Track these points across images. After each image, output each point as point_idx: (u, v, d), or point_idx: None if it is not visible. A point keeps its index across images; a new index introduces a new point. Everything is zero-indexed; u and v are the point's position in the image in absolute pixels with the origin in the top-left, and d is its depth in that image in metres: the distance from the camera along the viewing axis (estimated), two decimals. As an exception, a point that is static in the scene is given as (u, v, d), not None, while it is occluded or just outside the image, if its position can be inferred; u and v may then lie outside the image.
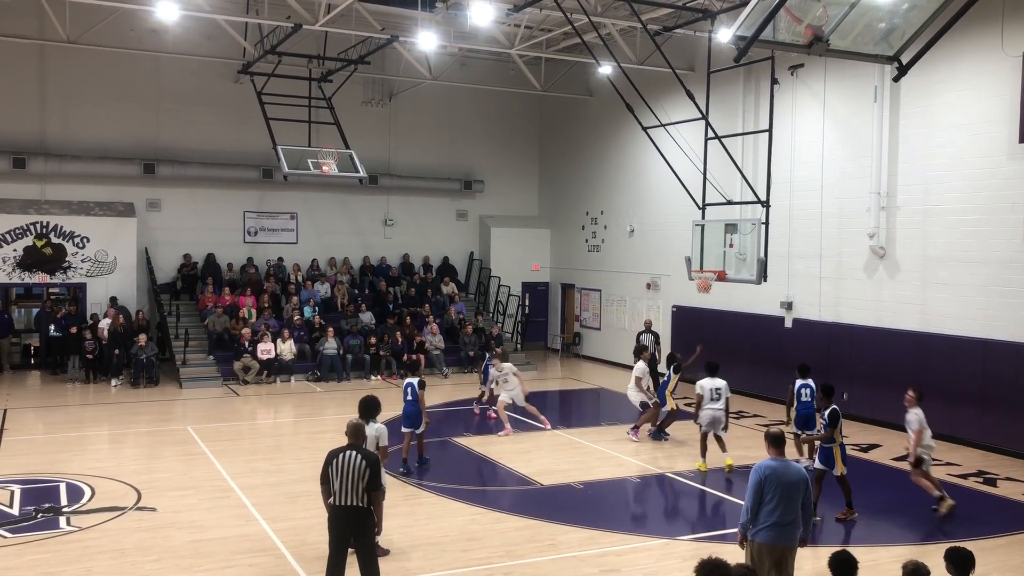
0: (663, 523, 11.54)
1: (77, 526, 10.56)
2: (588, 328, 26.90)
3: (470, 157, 28.11)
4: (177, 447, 14.82)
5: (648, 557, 9.93)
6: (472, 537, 10.40)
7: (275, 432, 17.03)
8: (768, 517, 7.34)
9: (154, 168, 23.70)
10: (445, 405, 19.34)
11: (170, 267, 24.34)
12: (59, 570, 9.11)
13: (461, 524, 10.91)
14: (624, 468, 13.85)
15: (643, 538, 10.60)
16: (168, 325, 22.57)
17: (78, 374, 20.94)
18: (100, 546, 9.87)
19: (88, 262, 22.80)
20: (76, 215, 22.82)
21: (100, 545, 9.90)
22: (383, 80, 25.90)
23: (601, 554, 9.92)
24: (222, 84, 24.02)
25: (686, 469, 13.72)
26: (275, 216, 25.80)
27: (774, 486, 7.33)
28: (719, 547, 9.79)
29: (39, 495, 11.75)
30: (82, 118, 23.21)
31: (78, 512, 11.08)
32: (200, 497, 11.87)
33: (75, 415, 17.78)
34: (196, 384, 20.73)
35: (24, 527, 10.45)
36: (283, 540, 10.12)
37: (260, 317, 22.82)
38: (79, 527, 10.52)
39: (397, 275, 26.48)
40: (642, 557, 9.92)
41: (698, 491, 12.72)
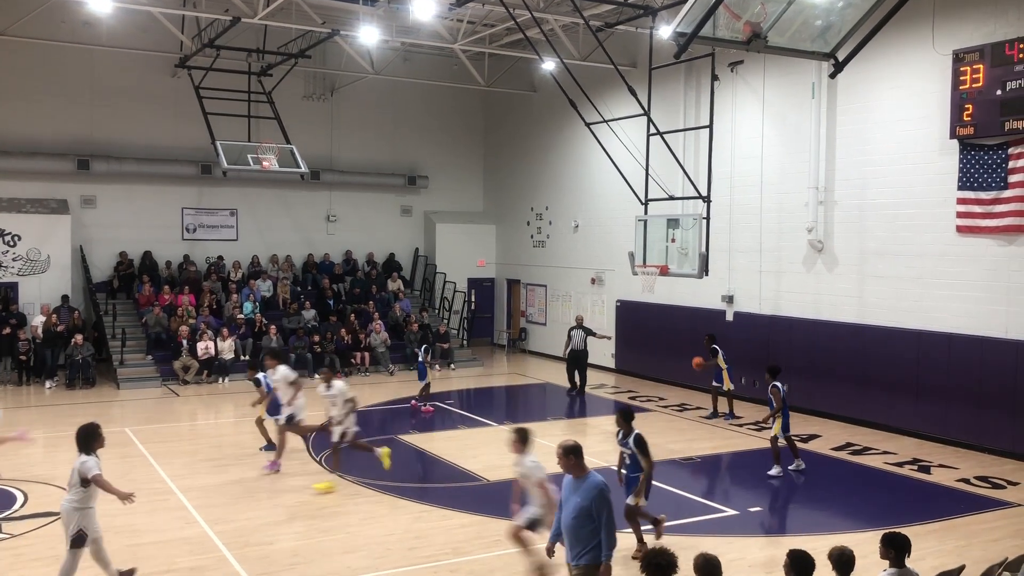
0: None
1: (9, 533, 10.26)
2: (534, 323, 26.97)
3: (414, 152, 27.95)
4: (114, 449, 14.37)
5: (594, 550, 9.95)
6: (418, 535, 10.34)
7: (216, 433, 16.74)
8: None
9: (88, 164, 23.10)
10: (390, 403, 19.22)
11: (106, 265, 23.75)
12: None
13: (406, 523, 10.84)
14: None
15: (589, 532, 10.62)
16: (105, 324, 22.03)
17: (10, 376, 20.32)
18: (34, 553, 9.61)
19: (20, 260, 22.14)
20: (7, 212, 22.13)
21: (34, 552, 9.64)
22: (324, 74, 25.59)
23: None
24: (159, 78, 23.49)
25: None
26: (214, 212, 25.32)
27: None
28: (665, 539, 9.88)
29: (-30, 502, 11.39)
30: (12, 113, 22.49)
31: (10, 519, 10.77)
32: (139, 500, 11.54)
33: (7, 418, 17.10)
34: (134, 384, 20.28)
35: (-47, 535, 10.11)
36: (225, 542, 9.95)
37: (199, 316, 22.41)
38: (11, 534, 10.22)
39: (341, 272, 26.21)
40: (588, 551, 9.94)
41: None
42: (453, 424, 16.95)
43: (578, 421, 17.48)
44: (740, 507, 11.73)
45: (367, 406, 18.60)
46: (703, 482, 13.39)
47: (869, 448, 14.98)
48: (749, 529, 10.97)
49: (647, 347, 22.02)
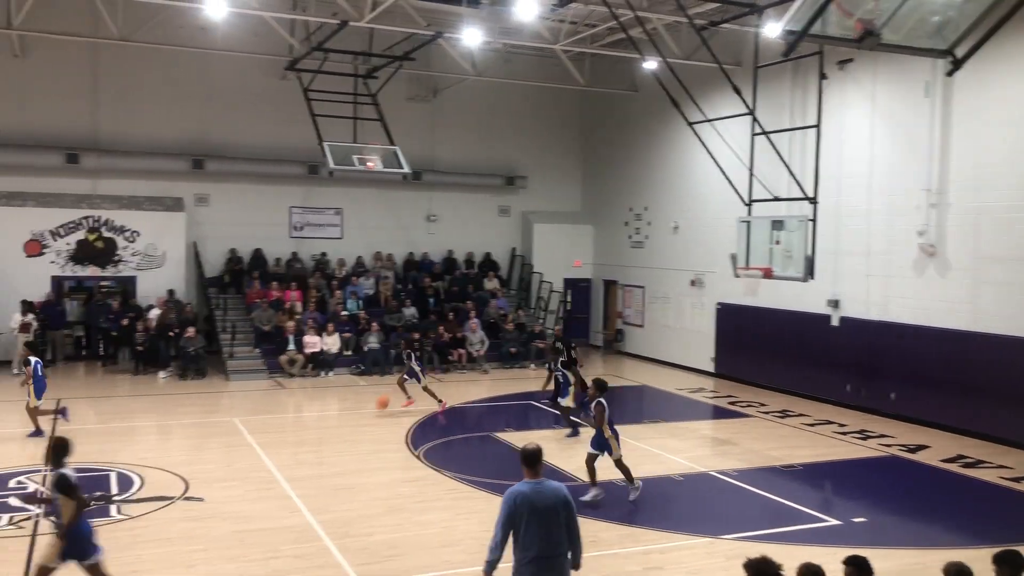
0: (707, 521, 11.43)
1: (127, 514, 10.78)
2: (631, 325, 26.76)
3: (513, 153, 28.12)
4: (223, 439, 15.05)
5: (692, 555, 9.86)
6: (514, 532, 10.39)
7: (319, 425, 17.22)
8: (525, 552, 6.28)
9: (203, 164, 24.09)
10: (486, 400, 19.39)
11: (218, 261, 24.72)
12: (110, 557, 9.26)
13: (503, 519, 10.91)
14: (667, 466, 13.77)
15: (686, 536, 10.53)
16: (216, 318, 22.93)
17: (128, 365, 21.35)
18: (149, 534, 10.06)
19: (138, 256, 23.27)
20: (127, 209, 23.29)
21: (149, 534, 10.09)
22: (427, 76, 25.99)
23: (644, 552, 9.88)
24: (269, 81, 24.29)
25: (730, 468, 13.59)
26: (320, 212, 26.06)
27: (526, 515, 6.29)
28: (764, 546, 9.69)
29: (91, 483, 11.99)
30: (133, 114, 23.64)
31: (128, 501, 11.31)
32: (246, 488, 12.04)
33: (125, 406, 18.12)
34: (242, 377, 21.02)
35: (76, 514, 10.67)
36: (327, 532, 10.22)
37: (305, 311, 23.09)
38: (129, 515, 10.74)
39: (440, 271, 26.59)
40: (685, 555, 9.86)
41: (742, 490, 12.59)
42: (548, 424, 16.98)
43: (676, 425, 17.27)
44: (843, 517, 11.40)
45: (463, 403, 18.85)
46: (804, 490, 13.05)
47: (982, 461, 14.33)
48: (853, 540, 10.62)
49: (748, 351, 21.59)
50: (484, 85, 25.85)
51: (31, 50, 22.47)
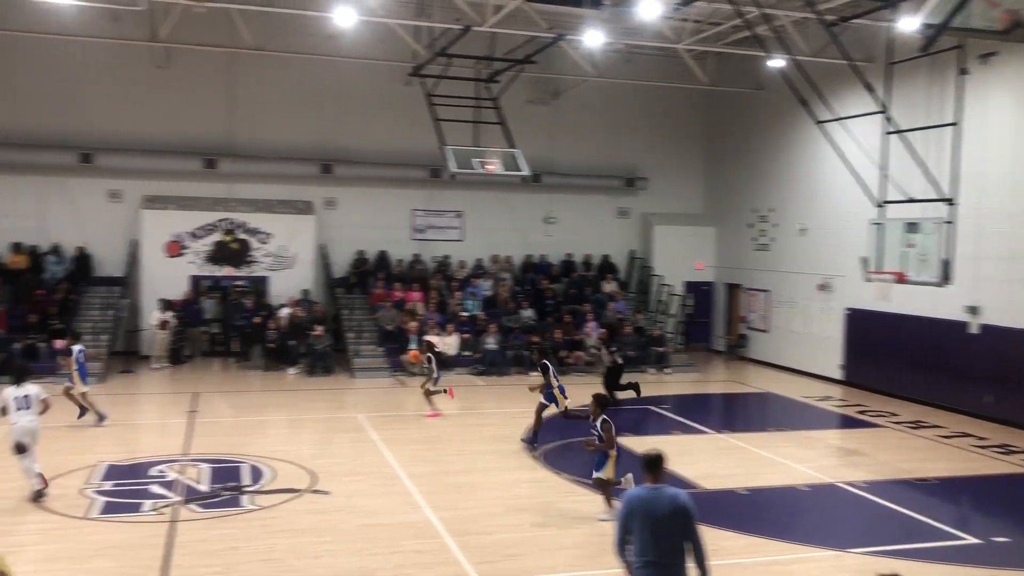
0: (834, 534, 11.04)
1: (259, 505, 11.23)
2: (755, 330, 26.11)
3: (633, 154, 27.89)
4: (348, 434, 15.50)
5: (818, 569, 9.54)
6: (632, 537, 10.29)
7: (439, 423, 17.48)
8: (640, 556, 6.22)
9: (331, 168, 24.91)
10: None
11: (344, 262, 25.50)
12: (244, 545, 9.72)
13: (621, 524, 10.83)
14: (792, 475, 13.36)
15: (812, 548, 10.19)
16: (342, 318, 23.66)
17: (260, 362, 22.27)
18: (279, 525, 10.45)
19: (270, 257, 24.27)
20: (260, 212, 24.32)
21: (279, 524, 10.48)
22: (548, 79, 26.06)
23: (767, 563, 9.62)
24: (394, 86, 24.87)
25: (859, 479, 13.07)
26: (441, 214, 26.53)
27: (640, 520, 6.23)
28: (896, 563, 9.29)
29: (225, 474, 12.58)
30: (266, 121, 24.66)
31: (260, 492, 11.78)
32: (370, 483, 12.36)
33: (257, 400, 18.88)
34: (367, 375, 21.60)
35: (212, 503, 11.21)
36: (447, 529, 10.37)
37: (427, 311, 23.54)
38: (260, 506, 11.18)
39: (557, 273, 26.63)
40: (811, 568, 9.55)
41: (872, 503, 12.09)
42: (667, 429, 16.76)
43: (801, 433, 16.73)
44: (983, 536, 10.79)
45: (581, 406, 18.75)
46: (939, 505, 12.42)
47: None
48: (994, 561, 10.05)
49: (879, 359, 20.71)
50: (605, 86, 25.74)
51: (173, 61, 23.73)
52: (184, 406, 17.44)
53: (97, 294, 22.92)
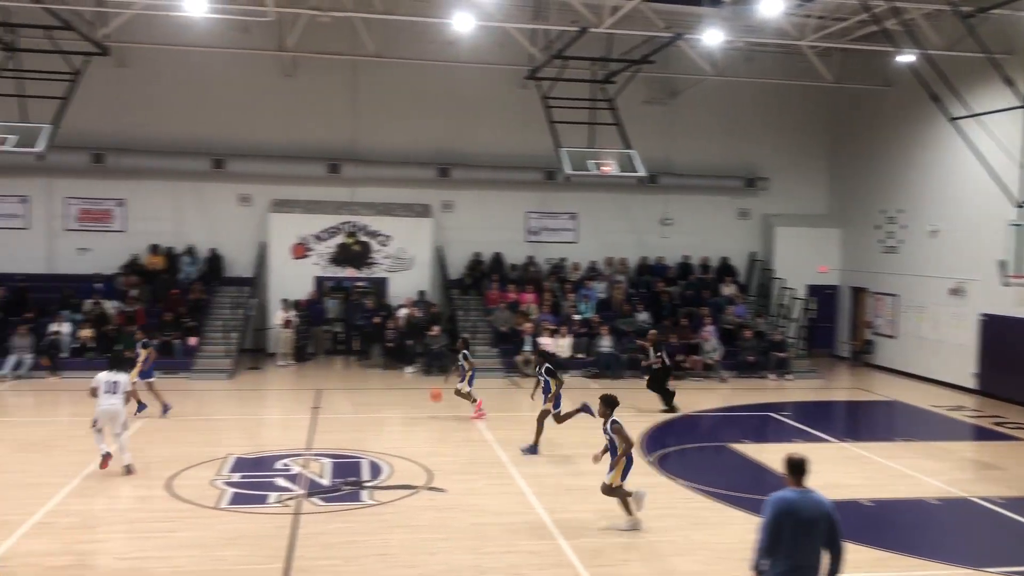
0: (967, 551, 10.47)
1: (377, 500, 11.49)
2: (881, 336, 25.06)
3: (754, 153, 27.24)
4: (464, 433, 15.69)
5: (949, 587, 9.07)
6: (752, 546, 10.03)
7: (552, 425, 17.45)
8: (781, 560, 6.16)
9: (448, 172, 25.32)
10: (721, 410, 18.89)
11: (460, 264, 25.86)
12: (362, 540, 9.97)
13: (740, 533, 10.55)
14: (921, 488, 12.76)
15: (944, 565, 9.69)
16: (458, 318, 24.00)
17: (379, 360, 22.81)
18: (397, 521, 10.66)
19: (390, 259, 24.86)
20: (381, 215, 24.95)
21: (397, 520, 10.69)
22: (665, 79, 25.75)
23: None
24: (510, 90, 25.05)
25: (996, 494, 12.36)
26: (556, 216, 26.58)
27: (788, 523, 6.17)
28: (1036, 585, 8.74)
29: (346, 469, 12.93)
30: (387, 126, 25.26)
31: (378, 487, 12.05)
32: (485, 482, 12.48)
33: (376, 398, 19.33)
34: (481, 375, 21.65)
35: (333, 497, 11.54)
36: (561, 531, 10.36)
37: (540, 313, 23.61)
38: (378, 501, 11.44)
39: (674, 275, 26.26)
40: (942, 587, 9.09)
41: (1010, 520, 11.42)
42: (788, 437, 16.26)
43: (931, 444, 15.94)
44: None
45: (696, 411, 18.47)
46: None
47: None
48: None
49: (1018, 368, 19.53)
50: (724, 85, 25.23)
51: (299, 70, 24.60)
52: (307, 402, 18.03)
53: (227, 294, 23.98)
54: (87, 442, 13.31)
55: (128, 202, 24.60)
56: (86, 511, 10.71)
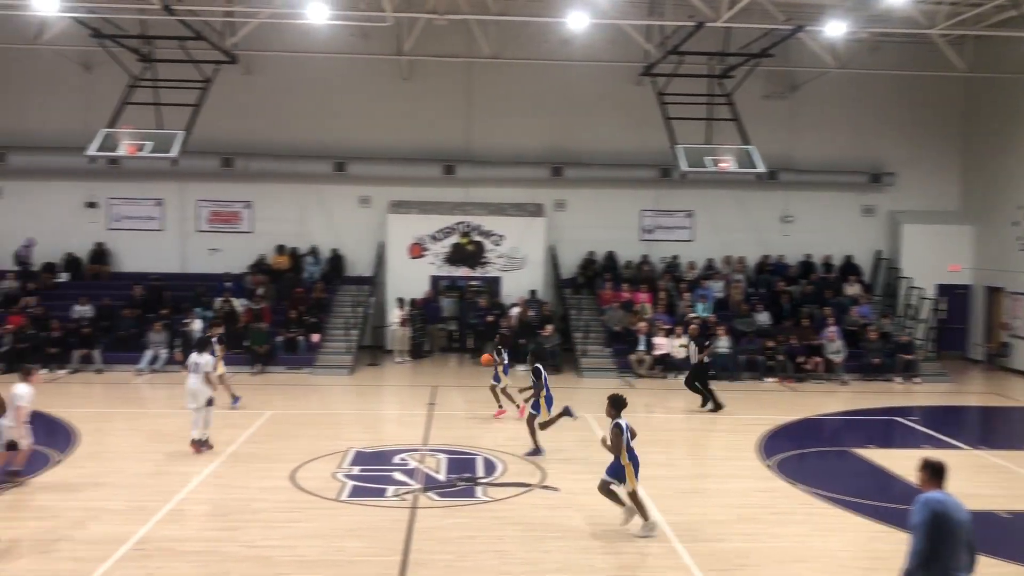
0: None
1: (491, 497, 11.60)
2: (1019, 338, 23.68)
3: (880, 148, 26.17)
4: (577, 433, 15.61)
5: (1097, 608, 8.50)
6: (875, 556, 9.66)
7: (666, 426, 17.26)
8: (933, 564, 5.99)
9: (561, 171, 25.34)
10: (844, 414, 18.25)
11: (572, 263, 25.85)
12: (477, 535, 10.08)
13: (862, 541, 10.21)
14: (1064, 501, 11.99)
15: (1089, 584, 9.09)
16: (570, 318, 23.99)
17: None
18: (511, 518, 10.73)
19: (503, 258, 25.07)
20: (494, 215, 25.18)
21: (511, 517, 10.77)
22: (785, 72, 25.06)
23: (1034, 596, 8.68)
24: (624, 87, 24.86)
25: None
26: (671, 214, 26.23)
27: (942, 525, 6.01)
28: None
29: (461, 465, 13.11)
30: (501, 126, 25.48)
31: (492, 484, 12.17)
32: (595, 482, 12.38)
33: (490, 396, 19.46)
34: (594, 374, 21.75)
35: (449, 493, 11.72)
36: (676, 533, 10.21)
37: (655, 313, 23.34)
38: (492, 498, 11.55)
39: (795, 274, 25.51)
40: (1089, 607, 8.52)
41: None
42: (916, 442, 15.57)
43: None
44: None
45: (818, 415, 17.89)
46: None
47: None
48: None
49: None
50: (848, 77, 24.37)
51: (416, 73, 25.09)
52: (424, 398, 18.38)
53: (348, 292, 24.69)
54: (220, 434, 13.97)
55: (255, 204, 25.64)
56: (216, 500, 11.22)
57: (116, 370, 21.00)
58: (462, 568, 9.12)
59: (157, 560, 9.08)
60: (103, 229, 25.36)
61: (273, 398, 18.32)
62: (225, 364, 17.06)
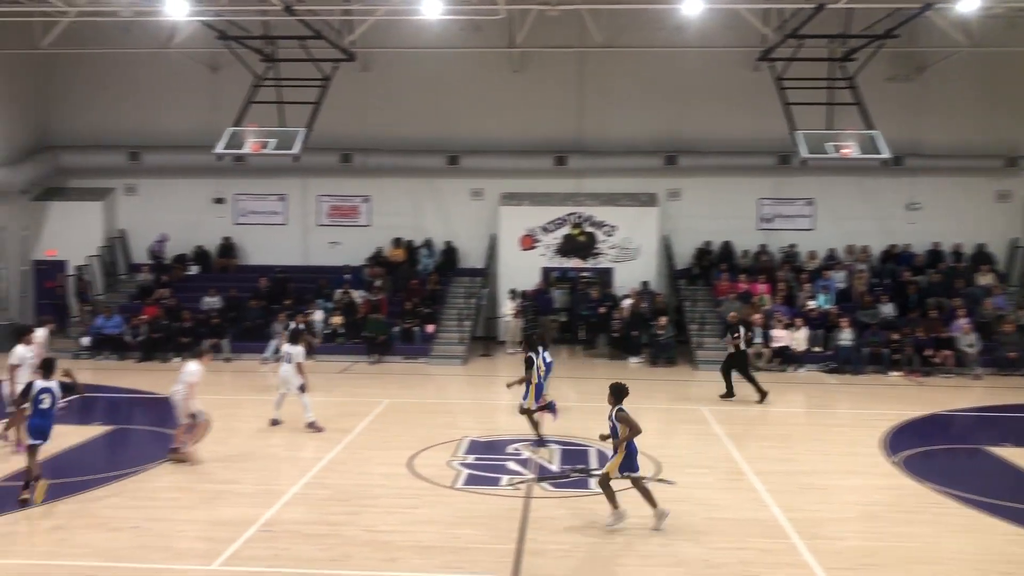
0: None
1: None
2: None
3: (1016, 131, 24.78)
4: (691, 426, 15.44)
5: None
6: (1012, 560, 9.17)
7: (786, 421, 16.82)
8: None
9: (675, 159, 24.99)
10: (977, 410, 17.38)
11: (686, 253, 25.47)
12: (591, 526, 10.06)
13: (998, 544, 9.68)
14: None
15: None
16: (685, 309, 23.63)
17: (604, 350, 22.92)
18: (625, 511, 10.64)
19: (615, 249, 24.90)
20: (605, 206, 25.05)
21: (625, 510, 10.68)
22: (912, 53, 23.95)
23: None
24: (739, 73, 24.30)
25: None
26: (790, 202, 25.50)
27: None
28: None
29: (574, 456, 13.12)
30: (613, 116, 25.31)
31: (591, 474, 12.07)
32: (714, 477, 12.21)
33: (601, 387, 19.23)
34: (710, 367, 21.29)
35: (562, 483, 11.74)
36: (796, 530, 9.94)
37: (773, 304, 22.75)
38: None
39: (922, 264, 24.40)
40: None
41: None
42: (1058, 442, 14.66)
43: None
44: None
45: (947, 410, 17.10)
46: None
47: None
48: None
49: None
50: (981, 56, 23.12)
51: (527, 65, 25.16)
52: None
53: (461, 284, 25.02)
54: (341, 421, 14.44)
55: (372, 198, 26.27)
56: (337, 485, 11.56)
57: (243, 358, 21.91)
58: (577, 559, 9.12)
59: (283, 542, 9.43)
60: (230, 224, 26.50)
61: (390, 387, 18.75)
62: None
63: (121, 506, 10.56)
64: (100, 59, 24.80)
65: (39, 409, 10.91)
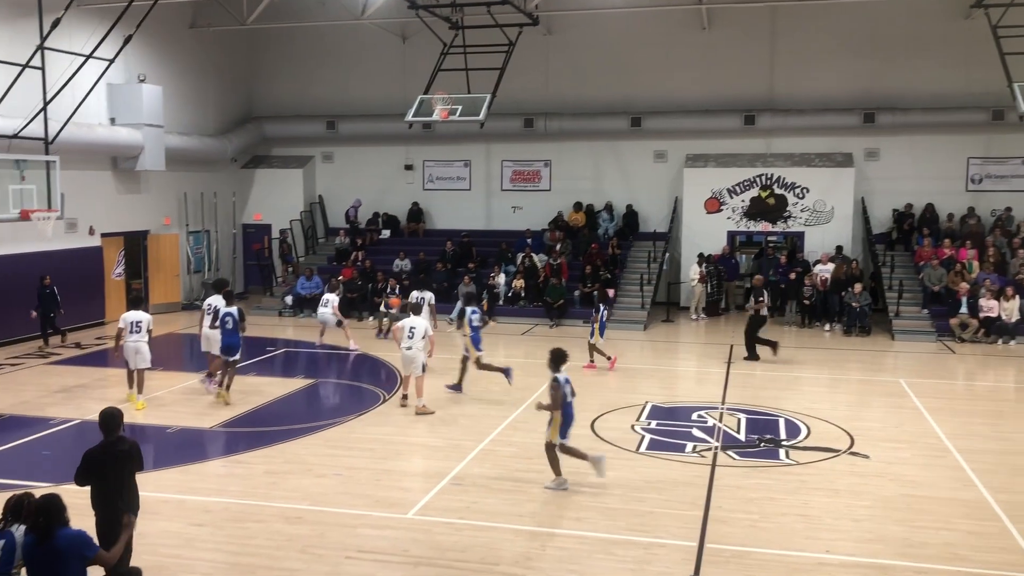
0: None
1: (794, 460, 11.19)
2: None
3: None
4: (888, 398, 14.66)
5: None
6: None
7: (995, 397, 15.64)
8: None
9: (873, 117, 23.54)
10: None
11: (884, 216, 24.04)
12: (780, 498, 9.79)
13: None
14: None
15: None
16: (882, 276, 22.36)
17: (795, 318, 22.10)
18: (815, 482, 10.31)
19: (807, 212, 23.82)
20: (797, 167, 23.96)
21: (815, 481, 10.34)
22: None
23: None
24: (949, 22, 22.52)
25: None
26: (1005, 162, 23.47)
27: None
28: None
29: (761, 426, 12.78)
30: (806, 73, 24.11)
31: (795, 447, 11.74)
32: (913, 452, 11.57)
33: (791, 356, 18.73)
34: (908, 337, 20.18)
35: (749, 453, 11.48)
36: (1007, 513, 9.27)
37: (981, 272, 21.12)
38: (796, 461, 11.14)
39: None
40: None
41: None
42: None
43: None
44: None
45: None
46: None
47: None
48: None
49: None
50: None
51: (715, 22, 24.34)
52: (720, 357, 18.10)
53: (642, 248, 24.72)
54: (520, 381, 14.69)
55: (553, 163, 26.38)
56: (521, 443, 11.81)
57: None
58: (765, 529, 8.91)
59: (473, 495, 9.76)
60: (419, 189, 27.41)
61: (569, 351, 18.85)
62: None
63: (325, 455, 11.28)
64: (299, 33, 26.15)
65: (225, 329, 12.63)
